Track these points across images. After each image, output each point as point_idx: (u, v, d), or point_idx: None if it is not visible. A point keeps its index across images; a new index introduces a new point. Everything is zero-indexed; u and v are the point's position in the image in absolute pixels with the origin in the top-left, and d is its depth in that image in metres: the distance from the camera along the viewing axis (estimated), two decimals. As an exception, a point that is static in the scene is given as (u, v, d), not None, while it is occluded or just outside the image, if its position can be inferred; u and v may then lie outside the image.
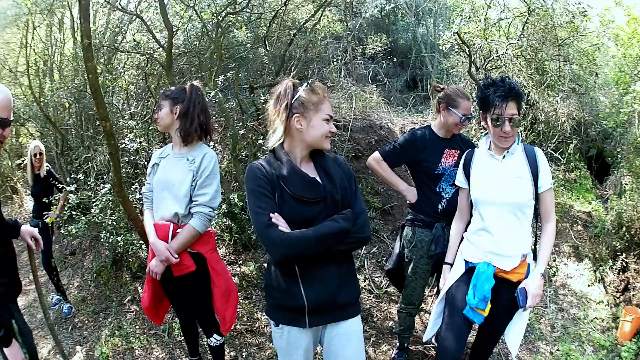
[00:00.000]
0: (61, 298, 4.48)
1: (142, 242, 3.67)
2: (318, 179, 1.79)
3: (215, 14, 3.79)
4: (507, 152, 2.19)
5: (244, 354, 3.50)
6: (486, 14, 5.30)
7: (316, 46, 4.88)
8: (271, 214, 1.69)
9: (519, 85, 2.16)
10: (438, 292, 3.18)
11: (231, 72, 3.79)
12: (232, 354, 3.48)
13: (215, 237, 2.78)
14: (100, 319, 4.24)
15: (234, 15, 3.86)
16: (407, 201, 3.00)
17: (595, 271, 4.64)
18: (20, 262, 5.54)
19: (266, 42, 4.12)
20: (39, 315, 4.39)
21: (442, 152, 2.80)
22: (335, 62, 5.43)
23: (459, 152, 2.80)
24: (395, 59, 6.71)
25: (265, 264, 4.09)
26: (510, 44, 5.16)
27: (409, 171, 3.10)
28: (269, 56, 4.23)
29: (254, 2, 4.11)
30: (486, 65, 5.22)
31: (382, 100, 6.18)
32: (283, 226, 1.68)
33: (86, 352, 3.78)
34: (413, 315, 3.18)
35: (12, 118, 2.05)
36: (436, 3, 6.80)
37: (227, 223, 3.82)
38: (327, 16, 4.90)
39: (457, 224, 2.49)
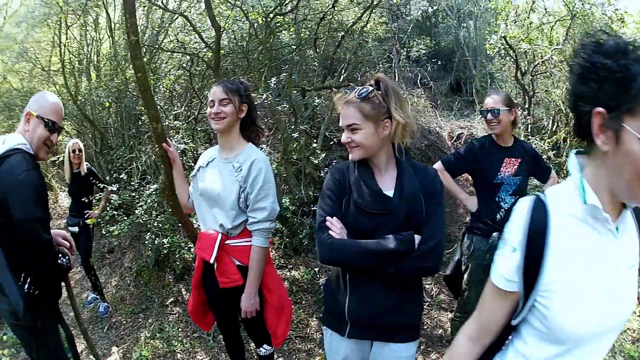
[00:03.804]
0: (97, 297, 4.44)
1: (191, 245, 3.64)
2: (391, 190, 1.68)
3: (263, 15, 3.75)
4: (624, 210, 1.00)
5: (292, 360, 3.45)
6: (529, 17, 5.22)
7: (365, 49, 4.81)
8: (327, 217, 1.67)
9: None
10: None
11: (284, 74, 3.74)
12: (281, 359, 3.43)
13: (271, 239, 2.68)
14: (140, 319, 4.20)
15: (282, 17, 3.81)
16: (468, 210, 3.01)
17: (633, 281, 4.61)
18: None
19: (315, 44, 4.06)
20: (71, 314, 4.35)
21: (501, 161, 2.76)
22: (380, 65, 5.37)
23: (519, 160, 2.76)
24: (439, 62, 6.66)
25: (317, 269, 4.05)
26: (554, 48, 5.06)
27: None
28: (318, 59, 4.17)
29: (300, 3, 4.05)
30: (532, 70, 5.12)
31: (430, 104, 6.11)
32: (335, 231, 1.64)
33: (123, 354, 3.72)
34: None
35: (62, 126, 2.18)
36: (475, 5, 6.70)
37: (277, 226, 3.76)
38: (374, 19, 4.84)
39: (468, 347, 1.17)
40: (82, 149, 4.29)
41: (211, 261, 2.20)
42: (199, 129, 4.14)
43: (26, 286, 1.92)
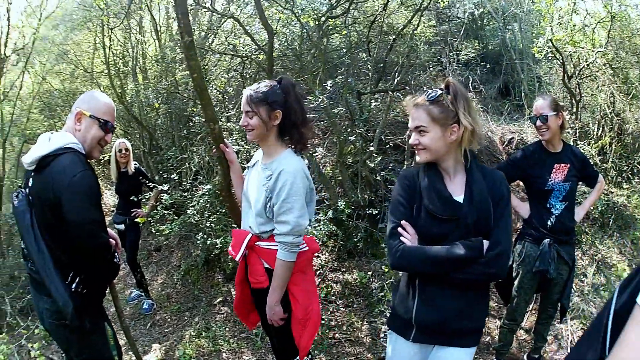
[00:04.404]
0: (141, 294, 4.50)
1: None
2: (461, 196, 1.69)
3: (316, 18, 3.78)
4: None
5: (341, 363, 3.44)
6: (571, 19, 5.17)
7: (418, 52, 4.81)
8: (402, 222, 1.69)
9: None
10: (539, 310, 3.17)
11: (340, 77, 3.77)
12: (330, 363, 3.43)
13: (318, 247, 2.58)
14: (186, 318, 4.22)
15: (333, 20, 3.84)
16: (520, 216, 2.99)
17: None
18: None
19: (369, 48, 4.09)
20: (112, 309, 4.39)
21: (551, 167, 2.75)
22: (431, 68, 5.37)
23: (569, 165, 2.75)
24: (487, 65, 6.68)
25: (370, 273, 4.06)
26: (598, 51, 5.00)
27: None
28: (371, 62, 4.19)
29: (350, 7, 4.08)
30: (579, 73, 5.06)
31: (481, 108, 6.09)
32: (407, 237, 1.66)
33: (165, 351, 3.72)
34: (514, 331, 3.17)
35: (115, 125, 2.15)
36: (519, 7, 6.66)
37: (332, 229, 3.78)
38: (423, 22, 4.85)
39: None
40: (129, 148, 4.32)
41: (237, 258, 2.19)
42: (250, 130, 4.18)
43: (74, 285, 1.88)
